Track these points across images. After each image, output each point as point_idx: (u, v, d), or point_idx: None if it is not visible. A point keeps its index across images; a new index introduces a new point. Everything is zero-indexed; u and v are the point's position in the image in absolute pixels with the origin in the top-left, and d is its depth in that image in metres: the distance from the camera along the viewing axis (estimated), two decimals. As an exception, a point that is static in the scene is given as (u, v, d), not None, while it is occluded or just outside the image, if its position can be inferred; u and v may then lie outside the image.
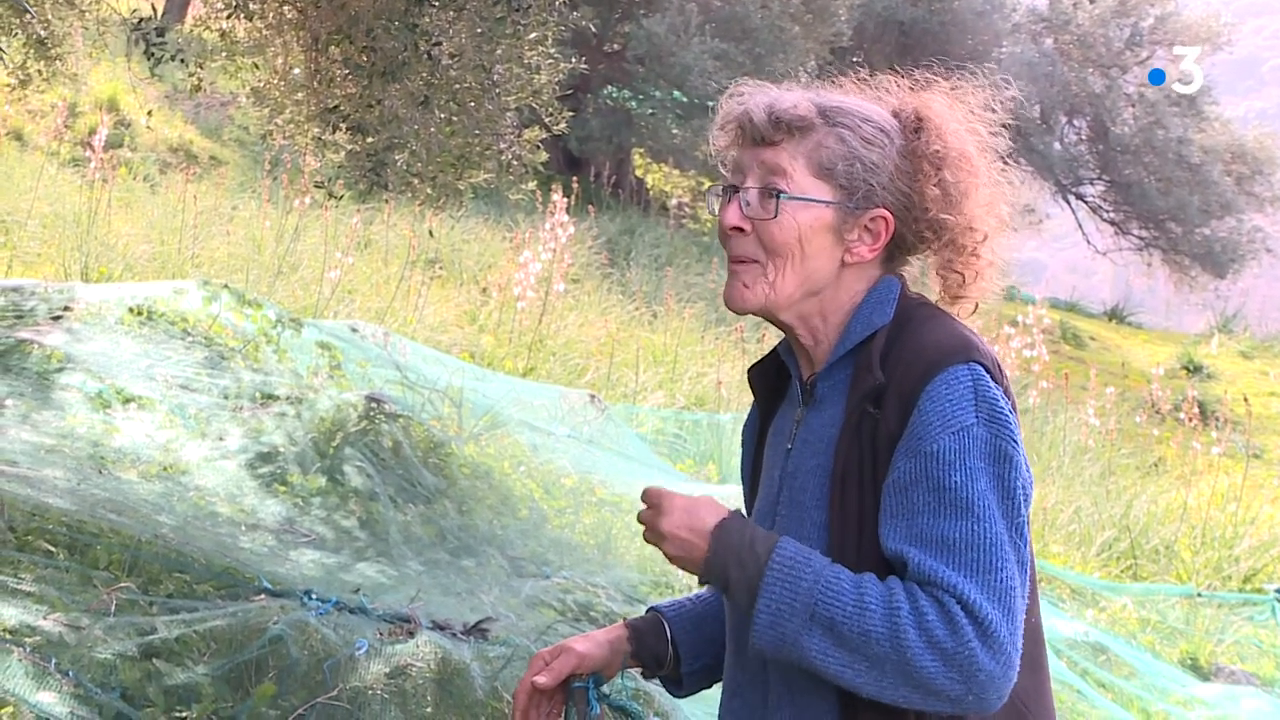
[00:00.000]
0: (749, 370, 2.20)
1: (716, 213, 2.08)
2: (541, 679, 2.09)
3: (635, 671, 2.22)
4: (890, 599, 1.81)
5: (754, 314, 2.05)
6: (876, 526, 1.91)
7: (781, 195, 1.99)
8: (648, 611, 2.25)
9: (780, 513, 2.03)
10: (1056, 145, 27.19)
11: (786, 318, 2.04)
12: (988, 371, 1.92)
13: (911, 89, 2.10)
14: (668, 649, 2.20)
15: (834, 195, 2.00)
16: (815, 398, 2.04)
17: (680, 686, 2.23)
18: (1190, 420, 11.79)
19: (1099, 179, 27.63)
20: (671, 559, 1.95)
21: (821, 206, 1.99)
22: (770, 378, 2.18)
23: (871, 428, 1.93)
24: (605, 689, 2.13)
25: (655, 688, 3.49)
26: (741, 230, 2.02)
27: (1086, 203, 27.98)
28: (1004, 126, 2.13)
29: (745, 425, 2.25)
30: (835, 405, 2.00)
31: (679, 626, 2.21)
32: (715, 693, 2.21)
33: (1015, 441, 1.90)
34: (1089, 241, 28.70)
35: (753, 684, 2.05)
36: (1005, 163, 2.13)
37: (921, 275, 2.15)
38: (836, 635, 1.81)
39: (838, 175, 2.00)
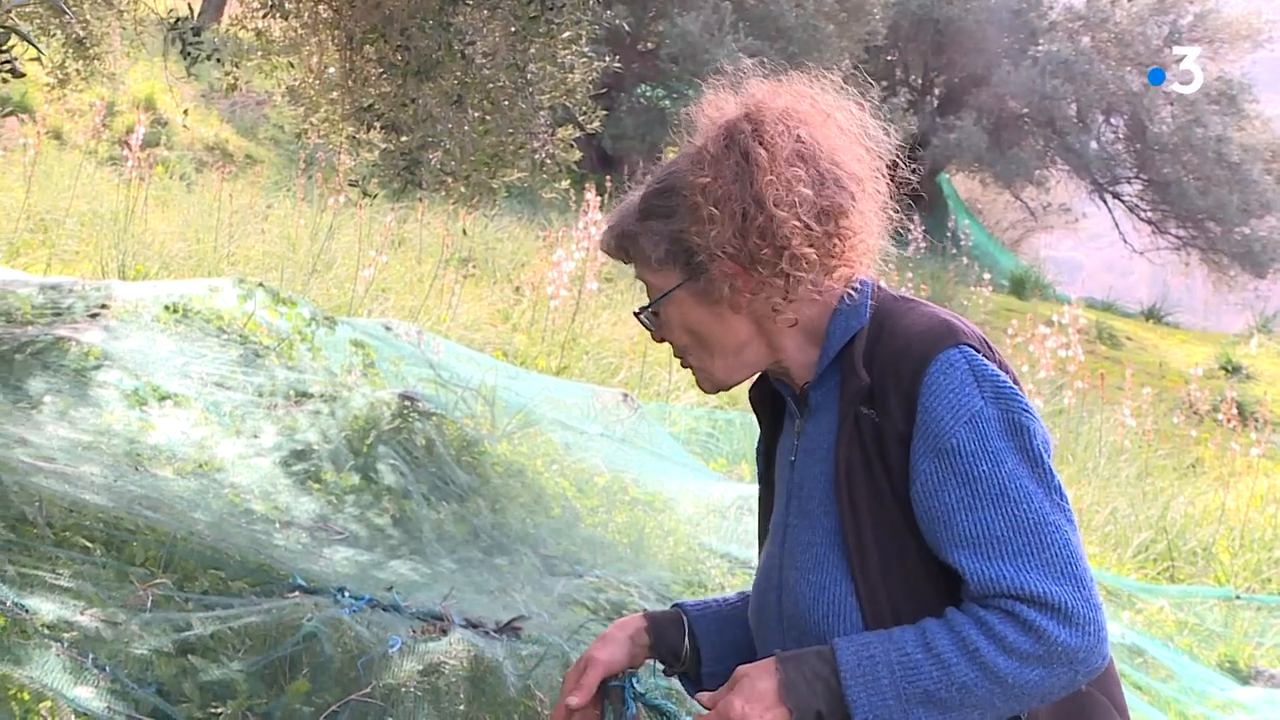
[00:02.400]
0: (749, 392, 2.22)
1: None
2: (574, 700, 2.10)
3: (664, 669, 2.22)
4: (963, 640, 1.80)
5: (726, 390, 2.12)
6: (891, 525, 1.91)
7: (648, 305, 2.08)
8: (672, 607, 2.25)
9: (791, 523, 2.04)
10: (1093, 144, 26.98)
11: (758, 370, 2.11)
12: (976, 350, 1.92)
13: (738, 92, 2.06)
14: (684, 644, 2.20)
15: (676, 278, 2.04)
16: (810, 408, 2.05)
17: (699, 686, 2.23)
18: (1229, 421, 11.67)
19: (1136, 178, 27.41)
20: None
21: (674, 291, 2.05)
22: (769, 397, 2.19)
23: (871, 428, 1.92)
24: (640, 688, 2.13)
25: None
26: (664, 340, 2.12)
27: (1124, 202, 27.77)
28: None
29: (756, 448, 2.27)
30: (830, 412, 2.01)
31: (701, 625, 2.22)
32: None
33: (1026, 410, 1.88)
34: (1126, 241, 28.49)
35: None
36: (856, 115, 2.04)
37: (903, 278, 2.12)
38: (936, 703, 1.80)
39: (666, 261, 2.05)
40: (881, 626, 1.88)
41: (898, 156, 2.06)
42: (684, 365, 2.12)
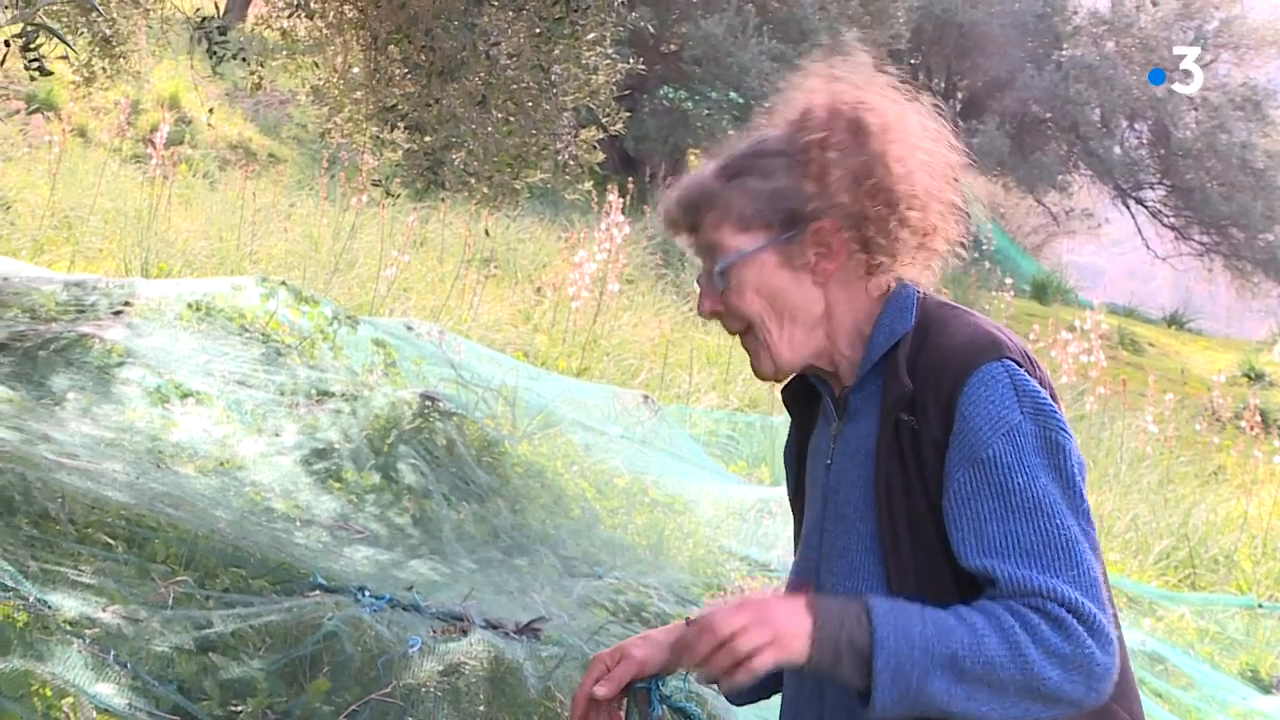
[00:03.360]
0: (782, 392, 2.20)
1: None
2: (601, 690, 2.07)
3: (694, 676, 2.20)
4: (999, 621, 1.80)
5: (782, 378, 2.08)
6: (927, 533, 1.90)
7: (720, 266, 2.01)
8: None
9: (827, 528, 2.03)
10: (1116, 149, 26.87)
11: (809, 364, 2.05)
12: (1019, 365, 1.91)
13: (830, 80, 2.07)
14: None
15: (764, 238, 2.00)
16: (849, 411, 2.04)
17: (738, 694, 2.21)
18: (1251, 428, 11.60)
19: (1160, 183, 27.28)
20: (751, 655, 1.80)
21: (758, 253, 2.00)
22: (803, 397, 2.18)
23: (910, 435, 1.92)
24: (665, 690, 2.12)
25: (709, 690, 3.48)
26: (718, 312, 2.05)
27: (1146, 207, 27.64)
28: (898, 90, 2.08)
29: (785, 449, 2.25)
30: (870, 417, 1.99)
31: None
32: (774, 698, 2.19)
33: (1063, 430, 1.89)
34: (1149, 247, 28.35)
35: (810, 700, 2.04)
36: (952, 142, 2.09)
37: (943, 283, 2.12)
38: (958, 671, 1.78)
39: (757, 220, 2.00)
40: None
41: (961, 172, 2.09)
42: (744, 343, 2.06)
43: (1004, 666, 1.78)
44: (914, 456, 1.91)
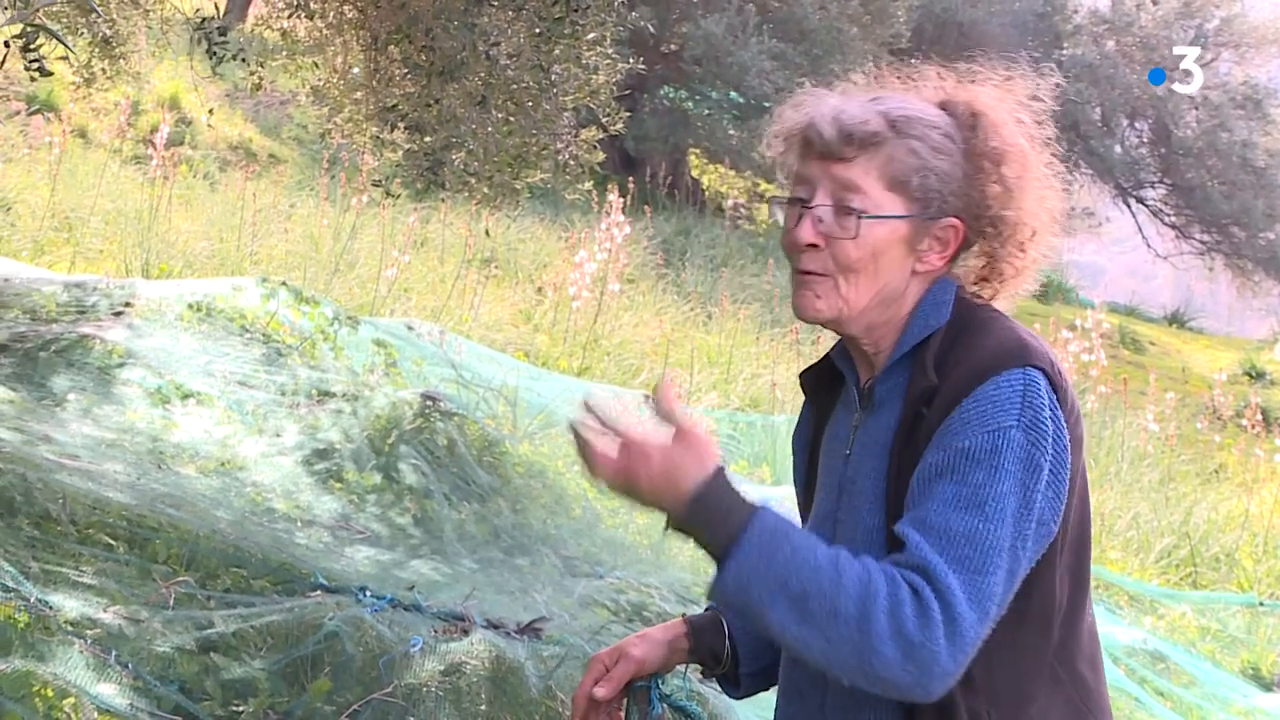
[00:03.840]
0: (801, 375, 2.17)
1: (781, 223, 2.03)
2: (600, 691, 2.06)
3: (694, 675, 2.20)
4: (868, 582, 1.77)
5: (820, 324, 2.01)
6: None
7: (862, 216, 1.95)
8: (707, 609, 2.23)
9: (840, 519, 2.01)
10: (1117, 148, 26.88)
11: (855, 329, 2.01)
12: (1046, 376, 1.89)
13: (958, 82, 2.07)
14: (725, 646, 2.17)
15: (907, 208, 1.96)
16: (873, 402, 2.02)
17: (738, 687, 2.21)
18: (1253, 427, 11.60)
19: (1160, 182, 27.28)
20: (630, 501, 1.92)
21: (897, 221, 1.96)
22: (824, 382, 2.15)
23: (925, 429, 1.90)
24: (665, 689, 2.11)
25: (709, 690, 3.48)
26: (814, 246, 1.98)
27: (1147, 206, 27.64)
28: (1050, 117, 2.09)
29: (796, 432, 2.22)
30: (892, 409, 1.98)
31: (739, 626, 2.18)
32: (773, 697, 2.19)
33: (1049, 456, 1.85)
34: (1149, 245, 28.34)
35: (812, 688, 2.03)
36: (1055, 156, 2.09)
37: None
38: (802, 610, 1.76)
39: (911, 188, 1.96)
40: None
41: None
42: (805, 278, 1.99)
43: (845, 623, 1.74)
44: (918, 449, 1.90)
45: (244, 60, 6.19)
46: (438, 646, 3.64)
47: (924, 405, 1.91)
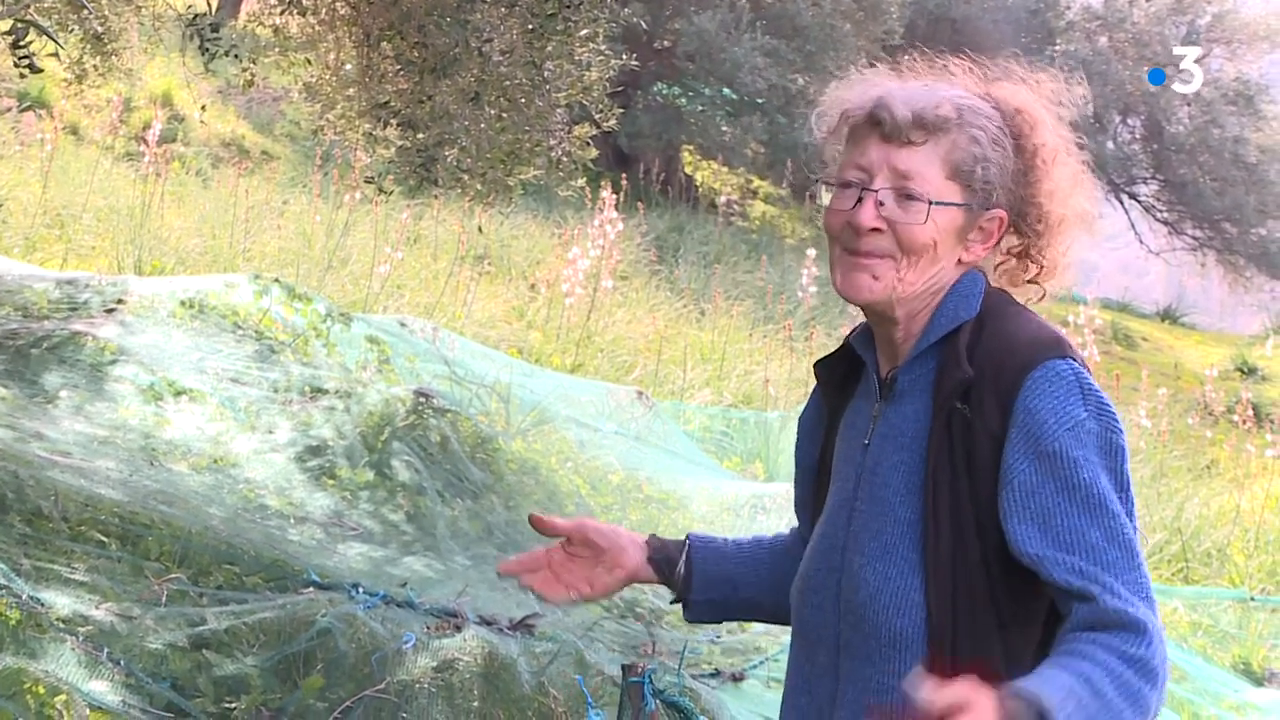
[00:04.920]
0: (816, 364, 2.17)
1: (827, 204, 2.02)
2: (543, 521, 2.21)
3: (687, 672, 2.22)
4: (1118, 675, 1.76)
5: (870, 305, 2.00)
6: (965, 521, 1.89)
7: (932, 203, 1.95)
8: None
9: (859, 508, 2.00)
10: (1109, 144, 26.89)
11: (899, 312, 2.00)
12: (1082, 366, 1.92)
13: (986, 78, 2.07)
14: (681, 560, 2.22)
15: (965, 197, 1.97)
16: (895, 392, 2.01)
17: (689, 610, 2.26)
18: (1244, 423, 11.64)
19: (1153, 178, 27.32)
20: None
21: (955, 209, 1.97)
22: (839, 371, 2.14)
23: (963, 424, 1.90)
24: (658, 685, 2.13)
25: (702, 686, 3.49)
26: (876, 229, 1.96)
27: (1140, 202, 27.68)
28: (1073, 124, 2.11)
29: (803, 415, 2.22)
30: (918, 400, 1.98)
31: (698, 553, 2.24)
32: (765, 693, 2.20)
33: (1122, 434, 1.90)
34: (1142, 241, 28.38)
35: (821, 679, 2.02)
36: (1083, 155, 2.11)
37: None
38: None
39: (969, 177, 1.97)
40: (942, 625, 1.88)
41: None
42: (857, 259, 1.98)
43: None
44: (963, 446, 1.90)
45: (236, 57, 6.18)
46: (430, 643, 3.64)
47: (959, 399, 1.91)
